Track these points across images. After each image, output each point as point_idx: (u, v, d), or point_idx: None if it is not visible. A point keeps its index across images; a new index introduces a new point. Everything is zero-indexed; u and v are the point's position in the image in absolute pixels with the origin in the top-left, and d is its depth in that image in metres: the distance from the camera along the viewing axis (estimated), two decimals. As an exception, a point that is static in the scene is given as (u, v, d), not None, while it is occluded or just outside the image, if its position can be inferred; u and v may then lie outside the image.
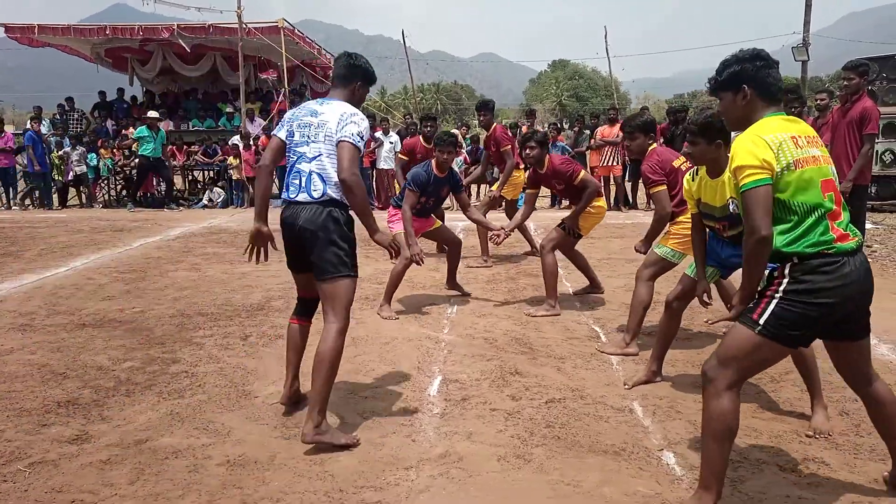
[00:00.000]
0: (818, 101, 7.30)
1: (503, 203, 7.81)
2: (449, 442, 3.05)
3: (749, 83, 2.35)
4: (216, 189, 13.80)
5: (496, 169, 8.32)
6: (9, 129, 15.27)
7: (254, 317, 5.17)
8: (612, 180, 12.13)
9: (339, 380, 3.81)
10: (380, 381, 3.85)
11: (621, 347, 4.26)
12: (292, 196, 3.11)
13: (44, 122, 15.08)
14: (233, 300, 5.67)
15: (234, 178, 13.53)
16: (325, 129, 3.07)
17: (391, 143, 12.48)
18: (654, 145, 4.31)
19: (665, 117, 13.54)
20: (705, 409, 2.34)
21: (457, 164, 12.82)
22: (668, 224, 4.21)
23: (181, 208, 13.33)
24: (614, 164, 12.01)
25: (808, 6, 17.69)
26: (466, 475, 2.75)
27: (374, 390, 3.71)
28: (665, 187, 4.14)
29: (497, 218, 7.16)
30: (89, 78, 17.44)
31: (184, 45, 14.63)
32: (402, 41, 23.89)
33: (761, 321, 2.26)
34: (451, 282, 5.92)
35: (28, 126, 14.11)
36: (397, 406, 3.48)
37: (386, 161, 12.41)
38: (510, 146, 7.24)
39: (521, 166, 7.30)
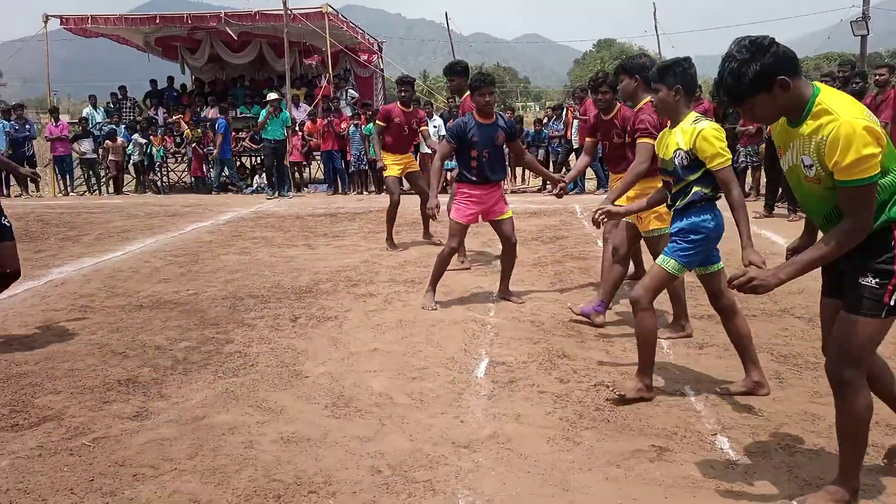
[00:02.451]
0: (877, 77, 7.00)
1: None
2: (497, 423, 3.06)
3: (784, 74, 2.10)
4: (264, 175, 14.02)
5: None
6: (64, 118, 15.82)
7: (302, 299, 5.26)
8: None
9: (387, 361, 3.87)
10: (427, 362, 3.87)
11: (677, 332, 4.19)
12: None
13: (98, 111, 15.59)
14: (282, 283, 5.78)
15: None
16: None
17: (435, 126, 12.45)
18: (649, 98, 4.06)
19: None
20: (848, 410, 2.23)
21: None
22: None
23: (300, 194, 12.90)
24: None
25: (869, -23, 16.87)
26: (516, 456, 2.76)
27: (422, 371, 3.74)
28: (655, 142, 3.89)
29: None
30: (139, 68, 17.88)
31: (231, 32, 14.85)
32: (444, 24, 23.78)
33: (893, 302, 2.12)
34: (504, 289, 5.17)
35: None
36: (445, 387, 3.50)
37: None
38: None
39: None
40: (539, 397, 3.33)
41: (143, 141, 13.97)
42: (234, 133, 14.54)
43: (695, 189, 3.14)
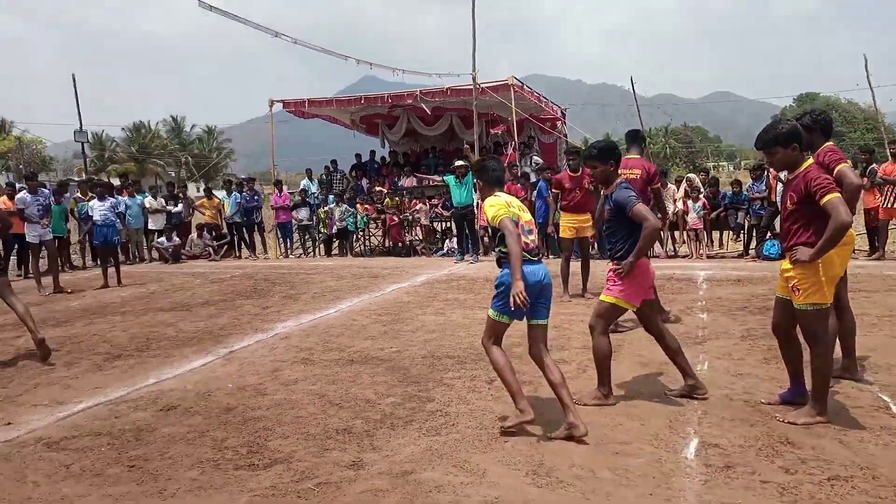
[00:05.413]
0: None
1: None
2: (715, 511, 2.83)
3: None
4: (454, 238, 14.70)
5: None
6: (284, 189, 17.92)
7: (497, 362, 5.33)
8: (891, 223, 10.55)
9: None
10: (629, 436, 3.72)
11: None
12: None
13: (313, 182, 17.49)
14: (475, 344, 5.93)
15: (469, 227, 14.28)
16: None
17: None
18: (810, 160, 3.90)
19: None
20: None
21: (695, 211, 12.19)
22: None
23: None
24: (899, 205, 10.40)
25: None
26: (740, 550, 2.53)
27: (625, 446, 3.59)
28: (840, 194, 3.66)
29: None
30: (344, 143, 19.94)
31: (425, 108, 16.04)
32: (625, 87, 23.62)
33: None
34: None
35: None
36: (651, 466, 3.32)
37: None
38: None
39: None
40: (762, 488, 3.04)
41: (352, 209, 15.38)
42: (427, 200, 15.49)
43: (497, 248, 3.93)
